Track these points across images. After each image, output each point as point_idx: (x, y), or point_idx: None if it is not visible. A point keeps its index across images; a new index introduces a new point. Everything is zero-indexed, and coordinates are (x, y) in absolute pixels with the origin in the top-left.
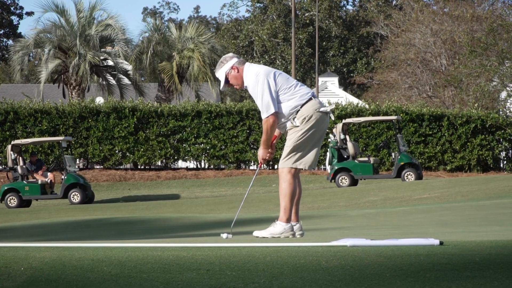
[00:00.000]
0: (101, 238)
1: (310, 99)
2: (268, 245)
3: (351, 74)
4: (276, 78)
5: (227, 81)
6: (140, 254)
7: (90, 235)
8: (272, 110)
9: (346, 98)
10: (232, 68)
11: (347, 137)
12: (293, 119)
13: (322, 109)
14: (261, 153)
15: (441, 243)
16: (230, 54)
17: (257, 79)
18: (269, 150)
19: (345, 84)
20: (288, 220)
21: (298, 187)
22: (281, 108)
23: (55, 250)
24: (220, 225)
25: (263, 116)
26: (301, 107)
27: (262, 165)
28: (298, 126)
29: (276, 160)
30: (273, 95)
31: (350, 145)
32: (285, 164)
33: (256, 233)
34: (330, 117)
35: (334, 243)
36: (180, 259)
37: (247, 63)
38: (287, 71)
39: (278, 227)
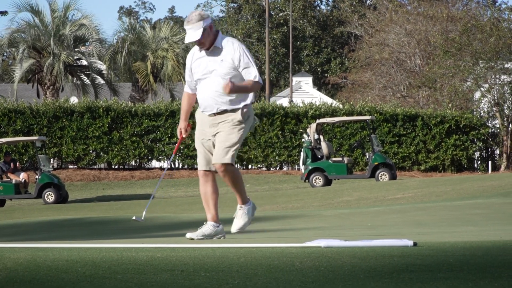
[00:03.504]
0: (75, 238)
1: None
2: (242, 246)
3: (325, 74)
4: None
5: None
6: (115, 255)
7: (64, 235)
8: (261, 81)
9: (320, 98)
10: (210, 26)
11: (321, 137)
12: (243, 110)
13: (255, 117)
14: (225, 83)
15: (415, 244)
16: (206, 13)
17: (242, 46)
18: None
19: (319, 84)
20: (248, 201)
21: (215, 187)
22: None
23: (30, 251)
24: (194, 225)
25: (257, 79)
26: (250, 104)
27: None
28: (242, 123)
29: (249, 160)
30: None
31: (324, 145)
32: (227, 160)
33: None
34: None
35: (308, 243)
36: (154, 259)
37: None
38: (261, 71)
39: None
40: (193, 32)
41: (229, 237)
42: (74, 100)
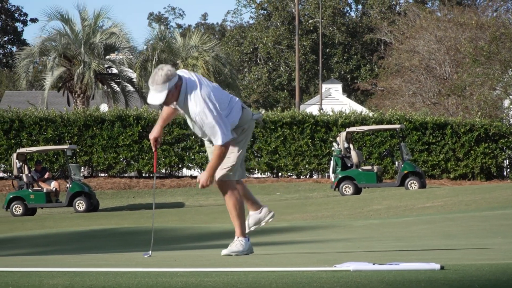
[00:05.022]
0: (106, 249)
1: (243, 108)
2: (274, 270)
3: (355, 81)
4: (215, 98)
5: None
6: (150, 281)
7: (95, 246)
8: (230, 136)
9: (350, 105)
10: (176, 85)
11: (351, 145)
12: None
13: (255, 116)
14: (205, 177)
15: (441, 267)
16: (171, 68)
17: (204, 104)
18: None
19: (349, 90)
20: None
21: (241, 198)
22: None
23: (67, 276)
24: (224, 236)
25: (220, 142)
26: (238, 121)
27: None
28: (236, 139)
29: (279, 168)
30: (223, 118)
31: (353, 154)
32: (227, 177)
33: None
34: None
35: (337, 267)
36: (188, 285)
37: (181, 76)
38: (291, 78)
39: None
40: (155, 94)
41: (260, 258)
42: (104, 107)
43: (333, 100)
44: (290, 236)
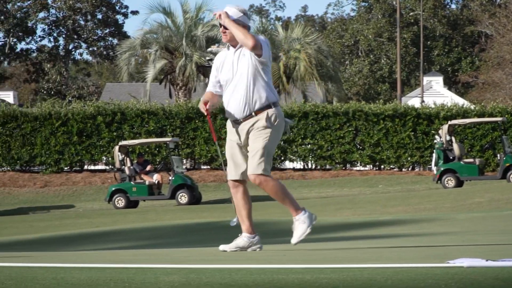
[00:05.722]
0: (211, 242)
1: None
2: (388, 266)
3: (456, 73)
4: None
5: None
6: (265, 278)
7: (200, 239)
8: (267, 50)
9: (451, 98)
10: (245, 24)
11: (453, 138)
12: (268, 115)
13: (286, 119)
14: (227, 19)
15: None
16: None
17: (267, 41)
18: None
19: (449, 83)
20: (302, 209)
21: (247, 198)
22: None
23: (182, 273)
24: (329, 229)
25: (256, 40)
26: (276, 104)
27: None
28: (268, 128)
29: (381, 161)
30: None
31: (455, 147)
32: (257, 170)
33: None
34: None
35: (450, 263)
36: (304, 282)
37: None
38: (392, 71)
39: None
40: (231, 8)
41: (370, 252)
42: None
43: (434, 92)
44: (394, 229)
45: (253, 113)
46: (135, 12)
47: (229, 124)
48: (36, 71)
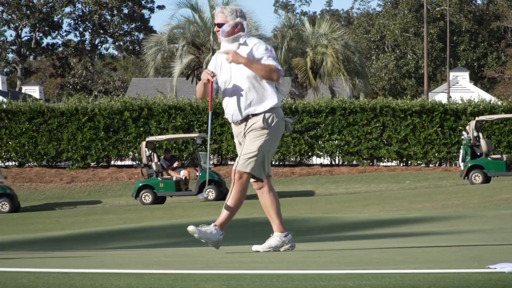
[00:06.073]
0: (241, 240)
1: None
2: (429, 272)
3: (482, 69)
4: None
5: (222, 25)
6: (308, 284)
7: (229, 237)
8: (282, 73)
9: (478, 94)
10: (238, 23)
11: (480, 134)
12: (265, 116)
13: (286, 118)
14: (239, 57)
15: None
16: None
17: (266, 44)
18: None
19: (475, 78)
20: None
21: (273, 196)
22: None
23: (223, 279)
24: (358, 226)
25: (278, 66)
26: (275, 108)
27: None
28: (264, 130)
29: (409, 157)
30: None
31: (483, 143)
32: (242, 168)
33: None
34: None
35: (491, 268)
36: None
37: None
38: (418, 66)
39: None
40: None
41: (404, 253)
42: None
43: (461, 88)
44: (424, 226)
45: (250, 115)
46: (161, 7)
47: (232, 125)
48: (62, 66)
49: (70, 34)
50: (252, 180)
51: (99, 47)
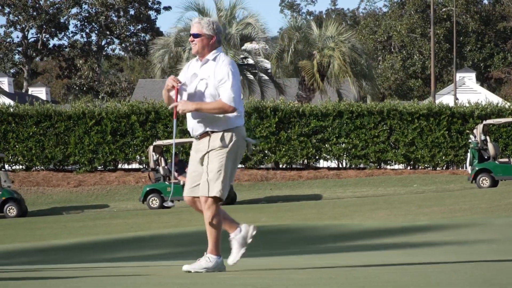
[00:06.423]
0: (250, 249)
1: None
2: None
3: (488, 69)
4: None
5: (197, 36)
6: None
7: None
8: (237, 107)
9: (485, 96)
10: (213, 36)
11: (488, 138)
12: (223, 135)
13: (247, 138)
14: (188, 106)
15: None
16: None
17: (232, 67)
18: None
19: (482, 79)
20: (219, 254)
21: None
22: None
23: None
24: (366, 235)
25: (230, 102)
26: (233, 128)
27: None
28: (223, 148)
29: (416, 160)
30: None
31: (490, 146)
32: (210, 192)
33: (186, 267)
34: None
35: None
36: None
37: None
38: (425, 66)
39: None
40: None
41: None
42: None
43: (467, 89)
44: (433, 236)
45: (209, 132)
46: (167, 8)
47: (193, 140)
48: (68, 67)
49: (77, 35)
50: (186, 194)
51: (106, 48)
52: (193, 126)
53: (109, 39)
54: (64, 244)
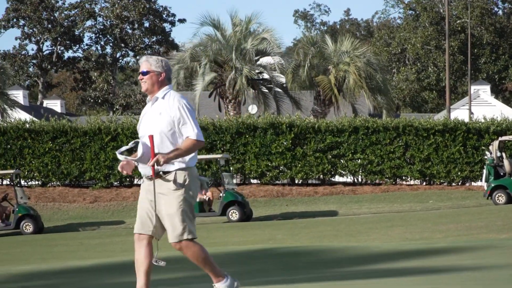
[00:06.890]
0: (269, 274)
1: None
2: None
3: (503, 81)
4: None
5: (146, 73)
6: None
7: (257, 269)
8: (202, 137)
9: (500, 110)
10: (162, 73)
11: (504, 154)
12: (176, 175)
13: (201, 177)
14: (163, 158)
15: None
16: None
17: (185, 101)
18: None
19: (496, 91)
20: (224, 276)
21: (148, 253)
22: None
23: None
24: (384, 258)
25: (198, 138)
26: (186, 168)
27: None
28: (179, 189)
29: (431, 176)
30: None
31: (506, 163)
32: (179, 237)
33: None
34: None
35: None
36: None
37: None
38: (440, 79)
39: None
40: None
41: None
42: (253, 108)
43: (482, 101)
44: (451, 259)
45: (161, 172)
46: (182, 20)
47: (144, 180)
48: (83, 79)
49: (91, 47)
50: (137, 232)
51: (120, 60)
52: (145, 166)
53: (123, 52)
54: (81, 266)
